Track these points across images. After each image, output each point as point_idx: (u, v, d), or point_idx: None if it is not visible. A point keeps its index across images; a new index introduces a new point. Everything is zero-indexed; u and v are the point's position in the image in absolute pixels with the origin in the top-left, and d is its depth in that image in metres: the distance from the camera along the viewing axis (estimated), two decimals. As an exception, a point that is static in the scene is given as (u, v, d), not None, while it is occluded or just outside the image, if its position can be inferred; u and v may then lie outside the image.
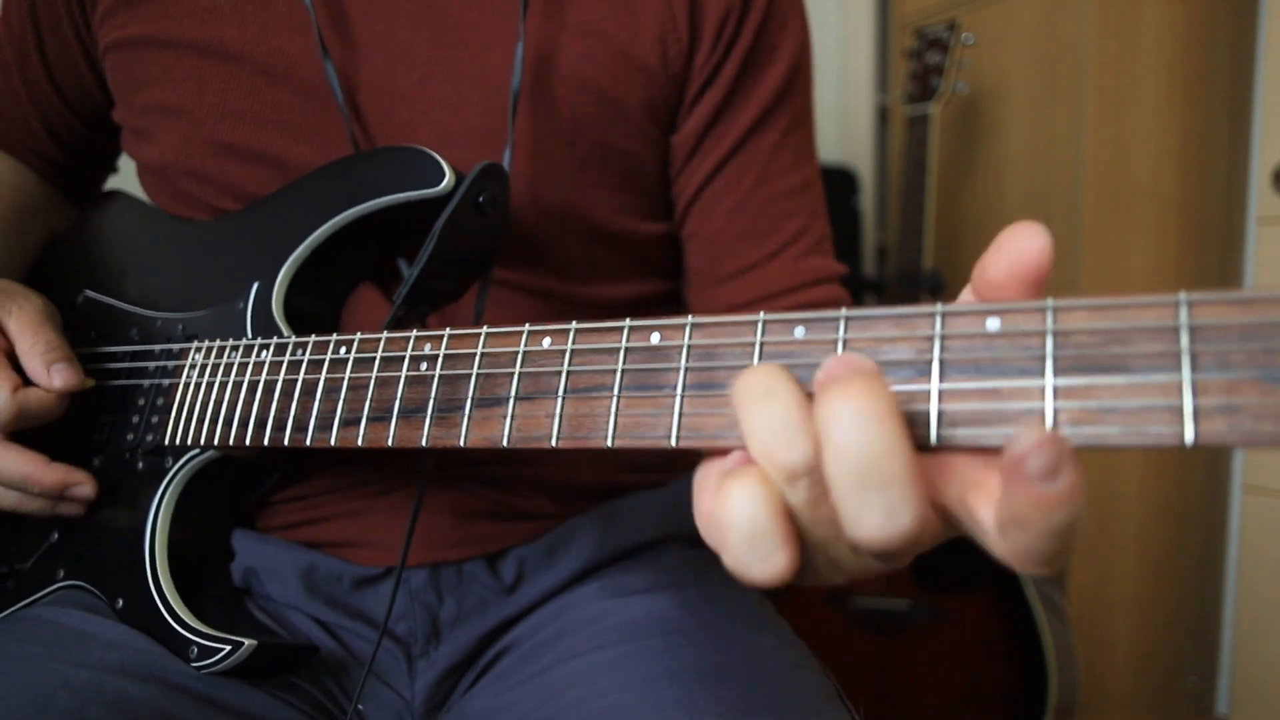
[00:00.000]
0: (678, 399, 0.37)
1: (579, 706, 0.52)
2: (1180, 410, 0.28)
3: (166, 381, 0.60)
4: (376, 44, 0.61)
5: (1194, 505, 1.53)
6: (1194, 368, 0.28)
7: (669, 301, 0.72)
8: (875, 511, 0.29)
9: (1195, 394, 0.28)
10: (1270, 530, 1.37)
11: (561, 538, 0.64)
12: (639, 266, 0.68)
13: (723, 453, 0.35)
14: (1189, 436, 0.27)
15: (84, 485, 0.60)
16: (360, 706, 0.60)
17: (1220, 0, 1.46)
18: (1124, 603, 1.48)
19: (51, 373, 0.59)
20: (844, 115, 1.89)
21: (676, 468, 0.72)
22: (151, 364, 0.62)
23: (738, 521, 0.31)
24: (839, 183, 1.76)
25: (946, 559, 1.33)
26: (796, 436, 0.30)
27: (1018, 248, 0.31)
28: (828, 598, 1.38)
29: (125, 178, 0.79)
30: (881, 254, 1.89)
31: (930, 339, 0.32)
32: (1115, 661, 1.47)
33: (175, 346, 0.61)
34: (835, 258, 0.71)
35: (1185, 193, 1.47)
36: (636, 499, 0.68)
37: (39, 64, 0.69)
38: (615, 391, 0.39)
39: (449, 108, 0.60)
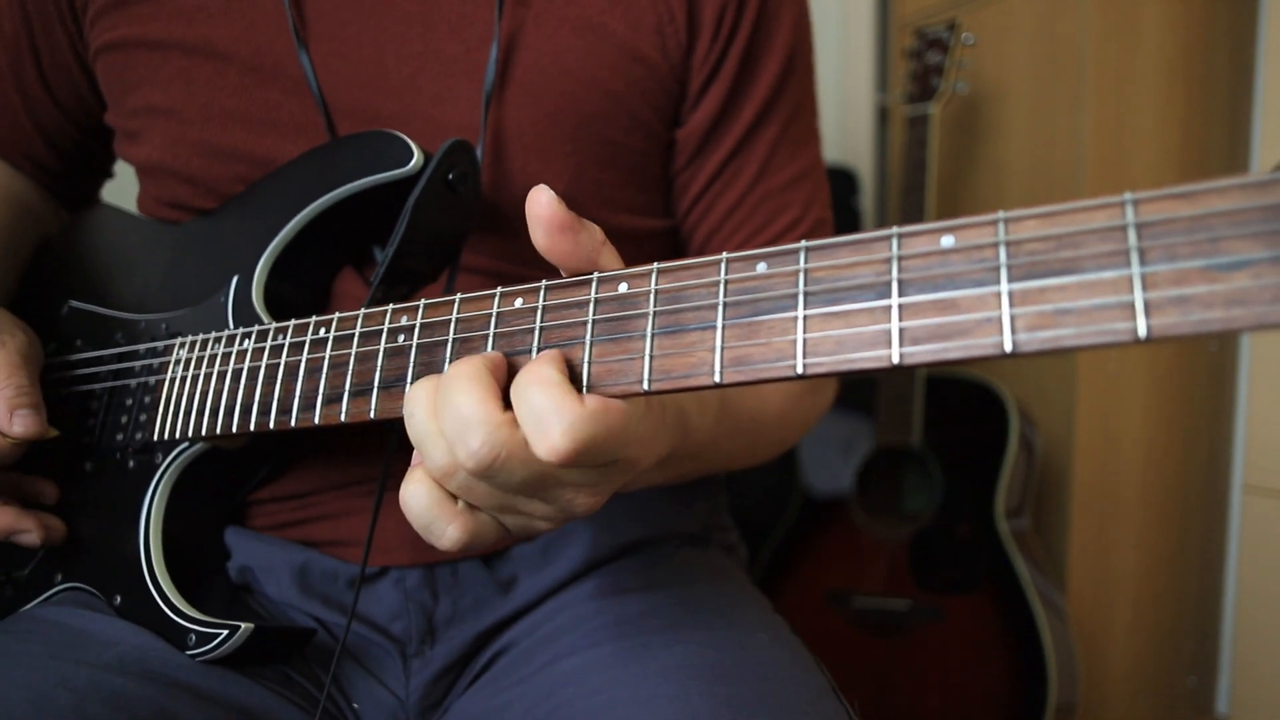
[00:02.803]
0: (647, 343, 0.38)
1: (573, 704, 0.52)
2: (1132, 305, 0.28)
3: (153, 379, 0.60)
4: (365, 39, 0.61)
5: (1194, 505, 1.53)
6: (1143, 262, 0.28)
7: None
8: (459, 442, 0.37)
9: (1145, 288, 0.28)
10: (1270, 530, 1.37)
11: (557, 536, 0.64)
12: (638, 263, 0.68)
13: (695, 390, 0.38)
14: (1142, 330, 0.28)
15: (31, 534, 0.60)
16: (355, 705, 0.60)
17: (1220, 0, 1.46)
18: (1124, 603, 1.48)
19: (14, 417, 0.57)
20: (844, 115, 1.89)
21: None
22: (137, 364, 0.62)
23: (413, 510, 0.41)
24: (839, 183, 1.75)
25: (947, 559, 1.33)
26: (435, 442, 0.39)
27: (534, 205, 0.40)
28: (827, 598, 1.38)
29: (122, 184, 0.79)
30: (881, 254, 1.89)
31: (888, 261, 0.33)
32: (1115, 661, 1.47)
33: (160, 344, 0.61)
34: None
35: (1185, 193, 1.47)
36: (631, 497, 0.67)
37: (33, 69, 0.69)
38: (587, 341, 0.40)
39: (443, 103, 0.60)
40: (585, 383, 0.39)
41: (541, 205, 0.39)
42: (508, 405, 0.38)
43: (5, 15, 0.68)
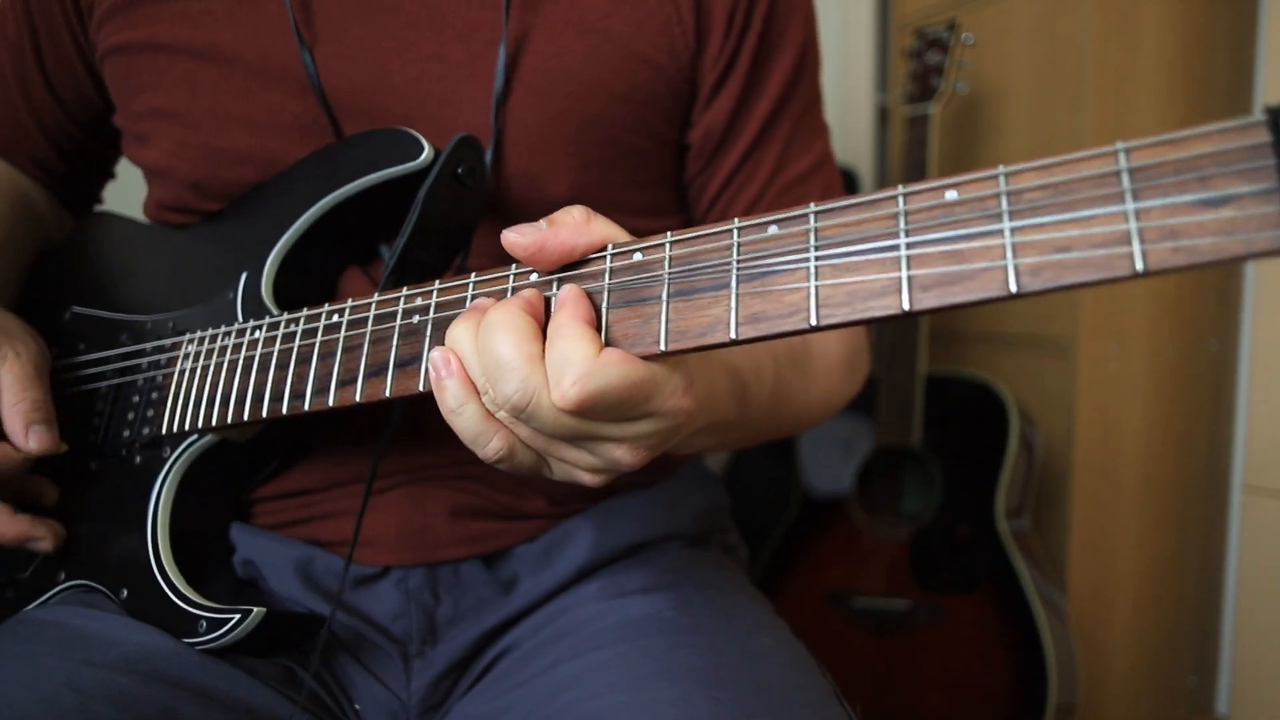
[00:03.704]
0: (663, 306, 0.39)
1: (575, 708, 0.52)
2: (1129, 239, 0.30)
3: (160, 374, 0.60)
4: (371, 43, 0.61)
5: (1194, 505, 1.53)
6: (1136, 200, 0.31)
7: None
8: (496, 385, 0.40)
9: (1139, 222, 0.30)
10: (1270, 530, 1.37)
11: (559, 538, 0.64)
12: None
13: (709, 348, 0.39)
14: (1139, 263, 0.30)
15: (44, 540, 0.60)
16: (357, 706, 0.60)
17: (1220, 0, 1.46)
18: (1124, 603, 1.48)
19: (29, 433, 0.59)
20: (844, 115, 1.89)
21: (670, 467, 0.72)
22: (144, 361, 0.62)
23: (461, 427, 0.42)
24: (839, 183, 1.75)
25: (947, 559, 1.33)
26: (481, 381, 0.41)
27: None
28: (827, 598, 1.38)
29: (125, 185, 0.79)
30: (881, 254, 1.89)
31: (895, 216, 0.35)
32: (1115, 661, 1.47)
33: (167, 341, 0.61)
34: None
35: (1185, 193, 1.47)
36: (632, 498, 0.68)
37: (37, 72, 0.69)
38: (604, 308, 0.41)
39: (450, 106, 0.60)
40: (598, 334, 0.41)
41: (512, 246, 0.42)
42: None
43: (8, 17, 0.68)
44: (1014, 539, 1.30)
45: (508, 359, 0.39)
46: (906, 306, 0.34)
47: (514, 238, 0.42)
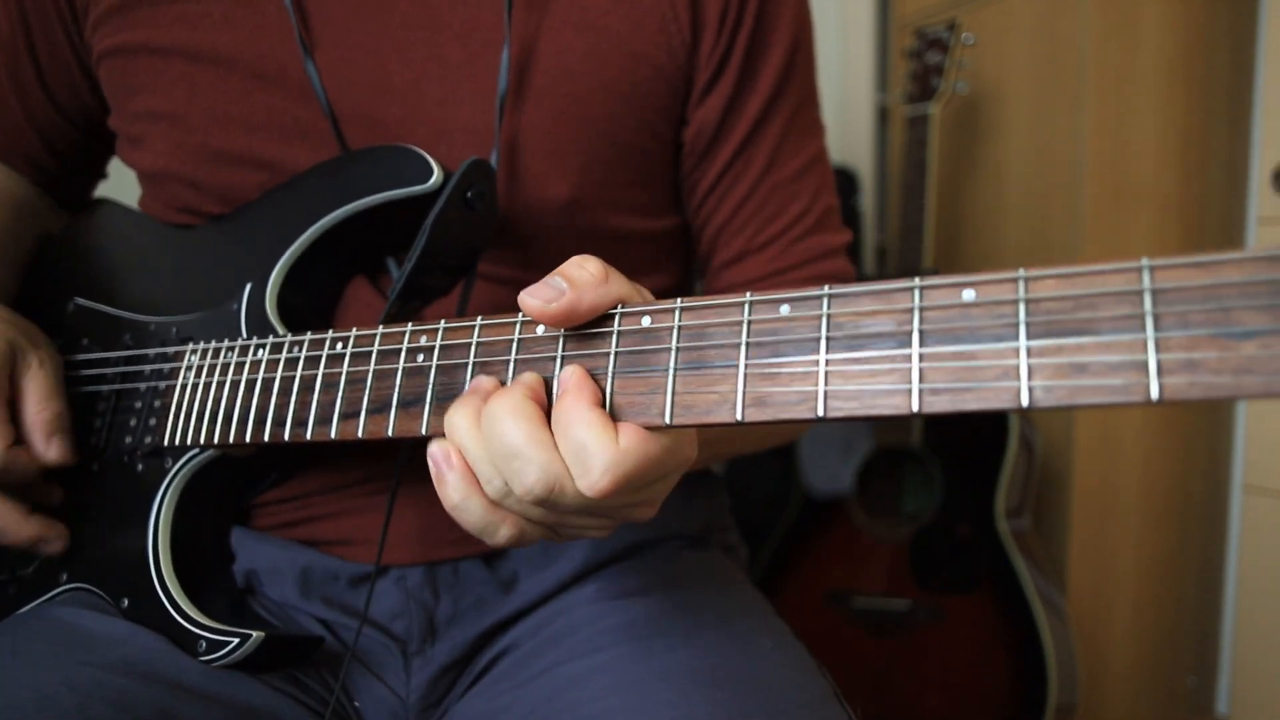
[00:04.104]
0: (670, 378, 0.38)
1: (574, 709, 0.52)
2: (1146, 368, 0.29)
3: (163, 384, 0.60)
4: (369, 44, 0.61)
5: (1194, 505, 1.53)
6: (1157, 328, 0.30)
7: (674, 296, 0.72)
8: (514, 476, 0.39)
9: (1159, 352, 0.29)
10: (1270, 530, 1.37)
11: (558, 537, 0.64)
12: (644, 263, 0.69)
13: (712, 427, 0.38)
14: (1155, 393, 0.29)
15: (55, 543, 0.61)
16: (356, 704, 0.60)
17: (1220, 0, 1.46)
18: (1124, 603, 1.48)
19: (51, 443, 0.60)
20: (844, 115, 1.89)
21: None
22: (146, 367, 0.62)
23: (469, 522, 0.42)
24: (839, 183, 1.75)
25: (947, 559, 1.33)
26: (488, 469, 0.40)
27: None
28: (827, 598, 1.38)
29: (118, 184, 0.79)
30: (882, 254, 1.89)
31: (910, 311, 0.34)
32: (1115, 661, 1.47)
33: (170, 349, 0.61)
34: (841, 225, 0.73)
35: (1185, 193, 1.47)
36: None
37: (31, 71, 0.69)
38: (609, 372, 0.40)
39: (448, 106, 0.60)
40: (608, 414, 0.40)
41: (538, 314, 0.40)
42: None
43: (2, 17, 0.68)
44: (1014, 539, 1.30)
45: (521, 448, 0.38)
46: (915, 409, 0.33)
47: (536, 305, 0.40)
